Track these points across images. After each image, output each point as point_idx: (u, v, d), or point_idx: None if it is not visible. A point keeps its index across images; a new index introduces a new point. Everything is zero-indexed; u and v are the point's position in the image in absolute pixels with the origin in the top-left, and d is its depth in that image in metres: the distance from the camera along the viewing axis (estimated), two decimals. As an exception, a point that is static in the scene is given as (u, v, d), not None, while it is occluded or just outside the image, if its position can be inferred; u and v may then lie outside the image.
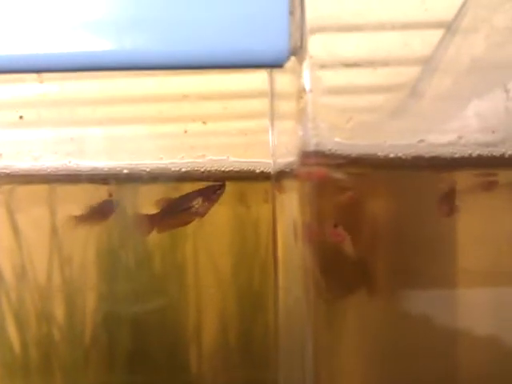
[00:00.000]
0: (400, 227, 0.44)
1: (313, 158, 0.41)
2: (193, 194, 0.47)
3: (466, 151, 0.44)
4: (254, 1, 0.39)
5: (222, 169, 0.48)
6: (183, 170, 0.47)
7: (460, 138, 0.46)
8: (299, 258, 0.43)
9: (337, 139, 0.41)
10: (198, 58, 0.38)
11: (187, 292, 0.61)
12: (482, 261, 0.48)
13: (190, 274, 0.58)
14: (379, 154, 0.41)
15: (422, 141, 0.41)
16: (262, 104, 0.47)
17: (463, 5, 0.50)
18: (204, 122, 0.47)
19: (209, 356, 0.61)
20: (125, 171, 0.47)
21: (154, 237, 0.55)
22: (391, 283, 0.45)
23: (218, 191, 0.47)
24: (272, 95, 0.44)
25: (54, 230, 0.53)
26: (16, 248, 0.55)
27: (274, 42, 0.39)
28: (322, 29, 0.41)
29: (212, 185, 0.47)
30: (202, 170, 0.48)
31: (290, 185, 0.44)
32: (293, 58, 0.40)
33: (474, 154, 0.45)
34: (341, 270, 0.44)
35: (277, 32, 0.39)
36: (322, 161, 0.41)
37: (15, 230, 0.54)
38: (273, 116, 0.43)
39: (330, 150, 0.40)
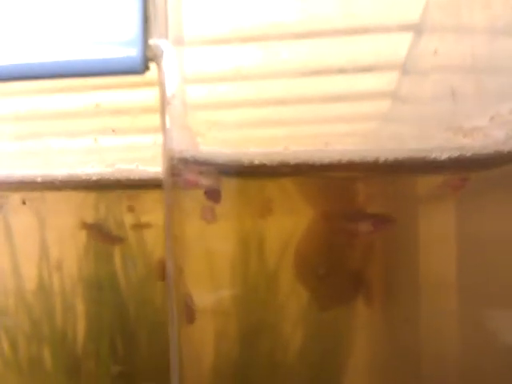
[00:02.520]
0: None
1: (178, 165, 0.41)
2: (364, 215, 0.44)
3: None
4: (107, 7, 0.40)
5: (131, 177, 0.49)
6: (93, 178, 0.50)
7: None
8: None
9: (202, 147, 0.41)
10: (50, 68, 0.40)
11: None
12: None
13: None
14: (243, 160, 0.40)
15: (286, 148, 0.40)
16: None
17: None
18: (114, 133, 0.49)
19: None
20: (38, 179, 0.50)
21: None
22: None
23: (386, 224, 0.43)
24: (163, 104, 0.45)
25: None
26: None
27: (127, 48, 0.40)
28: (191, 41, 0.42)
29: (384, 216, 0.44)
30: (112, 178, 0.50)
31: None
32: (155, 67, 0.41)
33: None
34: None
35: (130, 39, 0.40)
36: (188, 168, 0.41)
37: None
38: (164, 125, 0.44)
39: (193, 157, 0.41)
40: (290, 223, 0.44)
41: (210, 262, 0.44)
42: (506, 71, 0.45)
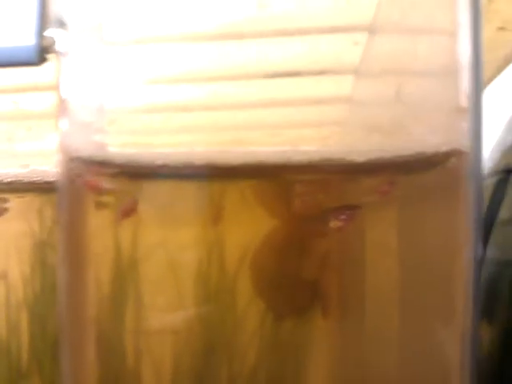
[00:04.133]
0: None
1: (77, 166, 0.38)
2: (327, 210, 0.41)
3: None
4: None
5: (47, 179, 0.46)
6: (8, 179, 0.47)
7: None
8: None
9: (106, 147, 0.38)
10: None
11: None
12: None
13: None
14: (145, 161, 0.37)
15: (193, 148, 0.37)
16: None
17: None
18: (29, 130, 0.46)
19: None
20: None
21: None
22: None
23: (352, 214, 0.41)
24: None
25: None
26: None
27: (21, 38, 0.37)
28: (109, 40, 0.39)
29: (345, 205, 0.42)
30: (26, 180, 0.47)
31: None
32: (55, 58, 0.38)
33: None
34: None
35: (24, 28, 0.37)
36: (86, 170, 0.38)
37: None
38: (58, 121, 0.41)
39: (90, 156, 0.38)
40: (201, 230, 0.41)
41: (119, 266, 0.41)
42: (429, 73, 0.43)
